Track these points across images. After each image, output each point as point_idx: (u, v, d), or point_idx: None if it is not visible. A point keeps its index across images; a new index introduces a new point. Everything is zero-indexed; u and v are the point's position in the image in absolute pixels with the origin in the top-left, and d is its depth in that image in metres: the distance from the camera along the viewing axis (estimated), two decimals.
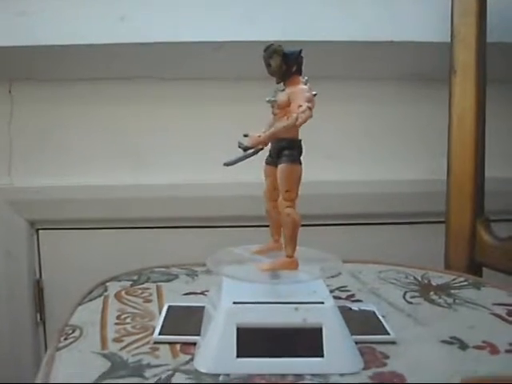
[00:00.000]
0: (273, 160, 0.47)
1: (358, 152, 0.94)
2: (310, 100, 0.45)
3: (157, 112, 0.93)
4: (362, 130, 0.93)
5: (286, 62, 0.45)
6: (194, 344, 0.46)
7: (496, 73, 0.78)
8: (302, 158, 0.46)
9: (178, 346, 0.47)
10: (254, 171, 0.48)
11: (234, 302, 0.44)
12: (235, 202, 0.88)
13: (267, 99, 0.48)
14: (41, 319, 0.95)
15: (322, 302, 0.45)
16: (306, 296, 0.45)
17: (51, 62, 0.87)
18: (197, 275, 0.66)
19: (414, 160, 0.95)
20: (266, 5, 0.86)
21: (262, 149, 0.46)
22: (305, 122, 0.44)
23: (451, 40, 0.78)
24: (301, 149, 0.46)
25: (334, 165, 0.91)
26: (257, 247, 0.51)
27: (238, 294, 0.45)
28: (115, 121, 0.93)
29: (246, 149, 0.45)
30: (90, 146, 0.93)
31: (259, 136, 0.45)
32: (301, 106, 0.44)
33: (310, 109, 0.44)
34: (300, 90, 0.45)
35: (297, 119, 0.44)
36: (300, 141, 0.46)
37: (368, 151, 0.94)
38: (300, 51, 0.46)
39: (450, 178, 0.78)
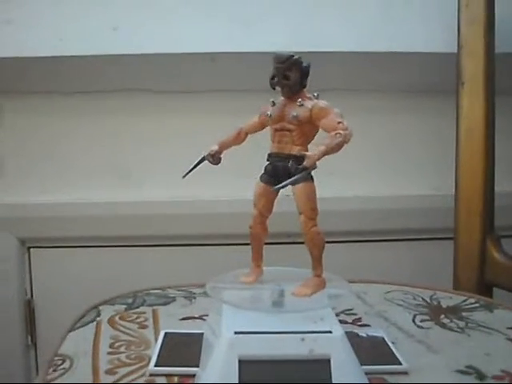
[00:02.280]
0: (273, 179, 0.45)
1: (361, 167, 0.92)
2: (342, 117, 0.43)
3: (151, 126, 0.91)
4: (366, 144, 0.91)
5: (301, 75, 0.44)
6: (193, 376, 0.43)
7: (505, 84, 0.75)
8: None
9: (175, 379, 0.44)
10: (249, 188, 0.46)
11: (236, 332, 0.41)
12: (231, 220, 0.85)
13: (268, 112, 0.45)
14: (32, 342, 0.91)
15: (330, 331, 0.42)
16: (313, 324, 0.43)
17: (41, 73, 0.85)
18: (194, 298, 0.63)
19: (420, 174, 0.93)
20: (263, 15, 0.84)
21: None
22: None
23: (458, 50, 0.76)
24: None
25: (336, 181, 0.88)
26: (244, 276, 0.48)
27: (240, 323, 0.42)
28: (108, 135, 0.90)
29: (303, 169, 0.42)
30: (83, 161, 0.90)
31: (314, 155, 0.42)
32: (341, 122, 0.43)
33: None
34: (327, 105, 0.44)
35: (345, 136, 0.42)
36: None
37: (371, 166, 0.92)
38: (309, 64, 0.44)
39: (459, 193, 0.75)
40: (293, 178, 0.42)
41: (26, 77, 0.86)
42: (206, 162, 0.48)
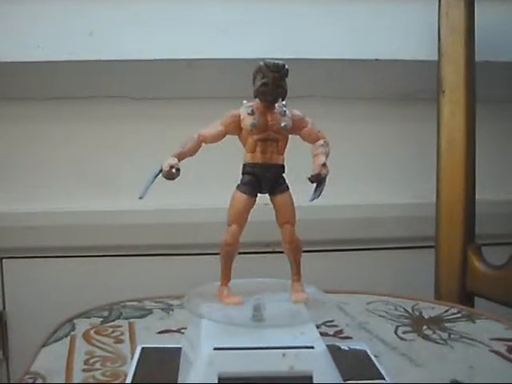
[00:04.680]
0: (255, 190, 0.44)
1: (341, 175, 0.90)
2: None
3: (126, 134, 0.89)
4: (346, 152, 0.90)
5: None
6: None
7: (485, 93, 0.75)
8: None
9: None
10: (226, 196, 0.45)
11: (215, 348, 0.40)
12: (208, 229, 0.83)
13: (252, 122, 0.43)
14: (4, 355, 0.88)
15: (312, 347, 0.40)
16: (293, 339, 0.41)
17: (15, 79, 0.82)
18: (172, 310, 0.61)
19: (402, 183, 0.92)
20: (242, 21, 0.83)
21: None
22: None
23: (439, 58, 0.75)
24: None
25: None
26: (227, 298, 0.45)
27: (219, 338, 0.41)
28: (82, 143, 0.88)
29: (324, 178, 0.44)
30: (58, 169, 0.88)
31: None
32: (319, 131, 0.45)
33: None
34: (303, 114, 0.45)
35: (329, 145, 0.45)
36: None
37: (351, 174, 0.91)
38: None
39: (439, 201, 0.75)
40: (322, 187, 0.43)
41: (2, 83, 0.83)
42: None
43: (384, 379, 0.44)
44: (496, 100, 0.86)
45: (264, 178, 0.44)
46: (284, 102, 0.44)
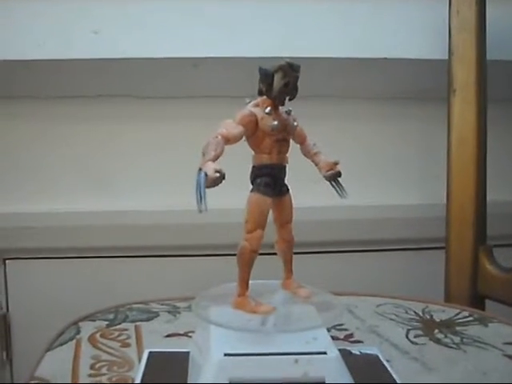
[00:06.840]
0: (272, 191, 0.42)
1: (349, 175, 0.88)
2: None
3: (131, 133, 0.88)
4: (354, 152, 0.89)
5: None
6: None
7: (497, 92, 0.74)
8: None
9: None
10: (234, 197, 0.45)
11: (226, 354, 0.39)
12: (216, 230, 0.82)
13: (275, 123, 0.41)
14: (7, 358, 0.88)
15: (325, 352, 0.40)
16: (306, 345, 0.40)
17: (15, 77, 0.81)
18: (179, 312, 0.60)
19: (410, 183, 0.91)
20: (248, 19, 0.82)
21: None
22: None
23: (449, 57, 0.74)
24: None
25: (322, 190, 0.86)
26: (258, 308, 0.42)
27: (229, 343, 0.40)
28: (84, 143, 0.87)
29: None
30: (61, 169, 0.87)
31: None
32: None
33: None
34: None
35: None
36: None
37: (360, 174, 0.89)
38: None
39: (450, 202, 0.74)
40: (340, 183, 0.47)
41: (3, 81, 0.82)
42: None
43: None
44: (508, 99, 0.85)
45: (279, 179, 0.43)
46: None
